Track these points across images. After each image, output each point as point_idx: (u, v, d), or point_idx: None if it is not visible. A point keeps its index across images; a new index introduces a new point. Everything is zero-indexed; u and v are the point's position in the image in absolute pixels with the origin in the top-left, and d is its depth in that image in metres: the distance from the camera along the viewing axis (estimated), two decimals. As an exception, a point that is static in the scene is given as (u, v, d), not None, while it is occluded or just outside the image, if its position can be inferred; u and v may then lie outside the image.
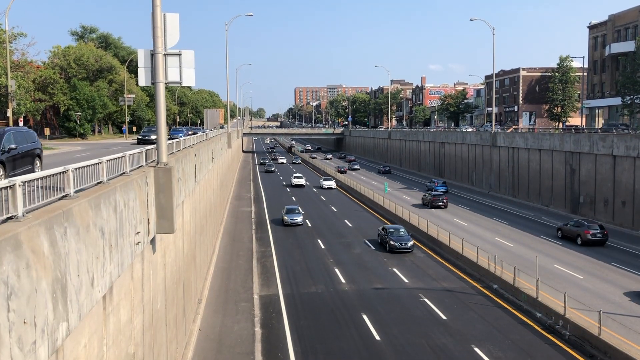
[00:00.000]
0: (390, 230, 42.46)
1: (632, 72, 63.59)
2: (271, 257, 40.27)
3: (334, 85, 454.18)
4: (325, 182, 79.61)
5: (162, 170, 15.62)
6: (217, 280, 33.96)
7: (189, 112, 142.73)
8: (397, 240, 40.79)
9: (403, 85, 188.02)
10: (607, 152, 49.73)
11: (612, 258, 37.79)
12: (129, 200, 12.89)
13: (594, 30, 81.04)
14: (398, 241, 40.64)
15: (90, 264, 9.80)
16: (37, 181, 8.77)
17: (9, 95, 39.52)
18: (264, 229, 50.74)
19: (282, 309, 28.96)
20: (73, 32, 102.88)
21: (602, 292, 30.74)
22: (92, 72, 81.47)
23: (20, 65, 53.11)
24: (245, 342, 24.24)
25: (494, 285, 31.81)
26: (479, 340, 24.51)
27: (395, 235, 41.54)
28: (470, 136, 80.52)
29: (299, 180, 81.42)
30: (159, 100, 16.07)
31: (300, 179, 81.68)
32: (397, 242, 40.57)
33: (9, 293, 6.64)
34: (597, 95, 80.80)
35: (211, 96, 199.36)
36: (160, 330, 16.91)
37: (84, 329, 9.60)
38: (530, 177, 63.46)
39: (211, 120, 73.85)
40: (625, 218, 47.67)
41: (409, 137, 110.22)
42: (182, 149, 25.57)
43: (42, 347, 7.61)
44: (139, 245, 13.72)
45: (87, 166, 11.19)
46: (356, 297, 30.82)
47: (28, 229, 7.40)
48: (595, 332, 22.94)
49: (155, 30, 15.64)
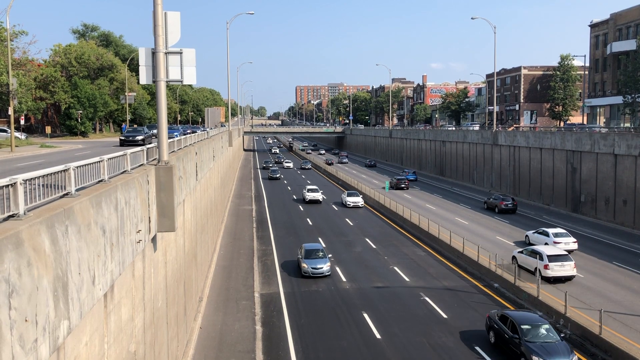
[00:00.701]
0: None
1: (634, 71, 63.52)
2: (272, 255, 40.30)
3: (335, 84, 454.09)
4: (350, 199, 62.05)
5: (163, 169, 15.64)
6: (218, 278, 34.00)
7: (190, 111, 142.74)
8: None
9: (404, 83, 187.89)
10: (609, 151, 49.69)
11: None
12: (130, 199, 12.91)
13: (596, 29, 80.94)
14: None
15: (91, 262, 9.82)
16: (39, 179, 8.79)
17: (10, 93, 39.52)
18: (264, 227, 50.76)
19: (282, 307, 28.99)
20: (74, 31, 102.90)
21: (602, 290, 30.73)
22: (93, 70, 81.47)
23: (21, 63, 53.10)
24: (246, 340, 24.27)
25: (494, 284, 31.82)
26: (480, 339, 24.50)
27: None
28: (471, 135, 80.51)
29: (314, 194, 64.90)
30: (160, 98, 16.09)
31: (315, 193, 65.17)
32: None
33: (10, 291, 6.66)
34: (598, 94, 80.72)
35: (212, 94, 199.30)
36: (162, 328, 16.93)
37: (85, 327, 9.61)
38: (532, 176, 63.43)
39: (212, 119, 73.78)
40: (626, 217, 47.64)
41: (410, 135, 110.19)
42: (183, 148, 25.59)
43: (44, 345, 7.63)
44: (140, 243, 13.73)
45: (88, 164, 11.21)
46: (357, 296, 30.84)
47: (29, 227, 7.41)
48: (596, 331, 22.94)
49: (156, 28, 15.65)
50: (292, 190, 76.62)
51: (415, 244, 43.55)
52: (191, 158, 25.80)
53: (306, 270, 34.10)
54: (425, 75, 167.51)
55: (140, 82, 16.74)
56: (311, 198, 64.48)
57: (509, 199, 57.24)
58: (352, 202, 61.48)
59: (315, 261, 34.41)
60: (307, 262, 34.32)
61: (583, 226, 48.81)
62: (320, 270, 33.98)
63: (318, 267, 34.00)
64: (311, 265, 34.09)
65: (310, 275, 33.99)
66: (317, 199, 64.52)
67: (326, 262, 34.50)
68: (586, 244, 42.15)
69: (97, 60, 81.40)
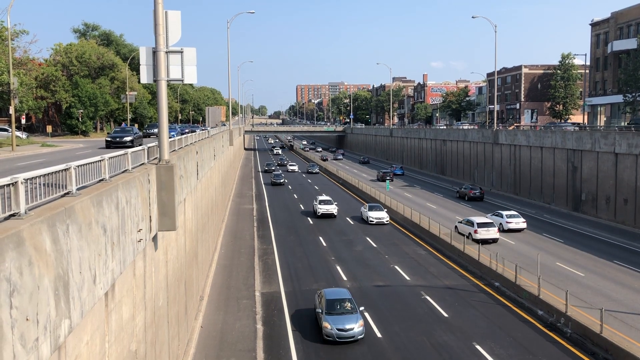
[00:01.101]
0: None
1: (634, 70, 63.47)
2: (273, 254, 40.32)
3: (336, 83, 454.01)
4: (373, 214, 50.73)
5: (164, 168, 15.65)
6: (219, 277, 34.02)
7: (190, 110, 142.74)
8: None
9: (405, 82, 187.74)
10: (609, 150, 49.65)
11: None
12: (131, 198, 12.92)
13: (596, 28, 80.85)
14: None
15: (92, 261, 9.83)
16: (40, 178, 8.80)
17: (11, 92, 39.54)
18: (265, 226, 50.78)
19: (283, 306, 29.01)
20: (75, 30, 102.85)
21: (603, 289, 30.72)
22: (94, 69, 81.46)
23: (22, 62, 53.11)
24: (247, 339, 24.29)
25: (495, 282, 31.82)
26: (481, 338, 24.53)
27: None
28: (472, 134, 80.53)
29: (327, 207, 54.28)
30: (160, 97, 16.10)
31: (329, 206, 54.47)
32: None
33: (11, 290, 6.67)
34: (599, 92, 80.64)
35: (213, 94, 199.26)
36: (162, 327, 16.95)
37: (86, 326, 9.63)
38: (532, 175, 63.40)
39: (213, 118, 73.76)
40: (627, 216, 47.61)
41: (410, 134, 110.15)
42: (184, 147, 25.60)
43: (45, 344, 7.64)
44: (141, 242, 13.75)
45: (89, 164, 11.23)
46: (357, 295, 30.83)
47: (30, 226, 7.42)
48: (597, 330, 22.94)
49: (157, 27, 15.66)
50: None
51: (416, 242, 43.54)
52: (192, 157, 25.81)
53: (329, 332, 23.90)
54: (425, 74, 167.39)
55: (141, 81, 16.75)
56: (324, 211, 53.92)
57: (477, 188, 64.97)
58: (376, 218, 50.35)
59: (343, 320, 24.14)
60: (330, 321, 24.22)
61: (584, 225, 48.78)
62: (350, 332, 23.81)
63: (347, 329, 23.85)
64: (336, 325, 23.89)
65: (335, 341, 23.77)
66: (330, 213, 54.07)
67: (358, 318, 24.36)
68: (587, 242, 42.17)
69: (98, 60, 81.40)
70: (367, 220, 50.91)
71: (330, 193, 69.31)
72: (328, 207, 54.28)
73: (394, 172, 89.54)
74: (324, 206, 54.43)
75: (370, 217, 50.70)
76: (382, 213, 51.14)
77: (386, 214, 51.12)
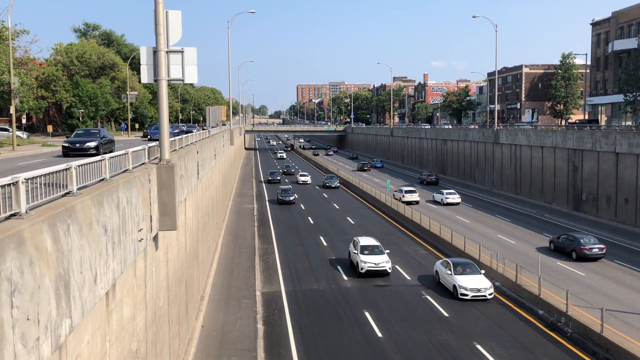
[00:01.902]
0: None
1: (635, 69, 63.37)
2: (273, 254, 40.32)
3: (336, 83, 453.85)
4: (466, 281, 30.16)
5: (164, 168, 15.66)
6: (220, 277, 34.03)
7: (191, 110, 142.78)
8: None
9: (405, 82, 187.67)
10: (610, 149, 49.62)
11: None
12: (132, 198, 12.93)
13: (597, 27, 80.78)
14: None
15: (93, 260, 9.84)
16: (40, 178, 8.80)
17: (12, 92, 39.57)
18: (266, 226, 50.77)
19: (284, 306, 29.01)
20: (76, 29, 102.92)
21: (604, 289, 30.72)
22: (94, 69, 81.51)
23: (22, 62, 53.14)
24: (248, 338, 24.30)
25: (496, 282, 31.79)
26: (481, 338, 24.53)
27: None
28: (473, 133, 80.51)
29: (375, 260, 33.95)
30: (161, 97, 16.10)
31: (377, 257, 34.14)
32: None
33: (12, 290, 6.67)
34: (599, 92, 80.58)
35: (213, 93, 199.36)
36: (163, 327, 16.96)
37: (87, 325, 9.63)
38: (533, 174, 63.36)
39: (213, 118, 73.89)
40: (628, 215, 47.59)
41: (411, 134, 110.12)
42: (185, 146, 25.61)
43: (46, 344, 7.65)
44: (142, 242, 13.75)
45: (90, 163, 11.23)
46: (358, 294, 30.85)
47: (31, 226, 7.42)
48: (598, 330, 22.93)
49: (158, 27, 15.66)
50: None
51: (417, 242, 43.54)
52: (192, 157, 25.82)
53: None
54: (426, 74, 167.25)
55: (141, 81, 16.75)
56: (371, 267, 33.53)
57: (433, 174, 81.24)
58: (472, 288, 29.54)
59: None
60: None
61: (584, 224, 48.76)
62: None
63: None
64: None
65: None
66: (382, 270, 33.61)
67: None
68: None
69: (99, 59, 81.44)
70: (456, 292, 29.93)
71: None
72: (376, 260, 33.74)
73: (373, 165, 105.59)
74: (369, 258, 33.81)
75: (460, 285, 29.78)
76: (480, 279, 30.37)
77: (490, 286, 30.06)
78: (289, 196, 62.16)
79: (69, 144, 24.75)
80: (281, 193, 62.83)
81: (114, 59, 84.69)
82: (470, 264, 32.07)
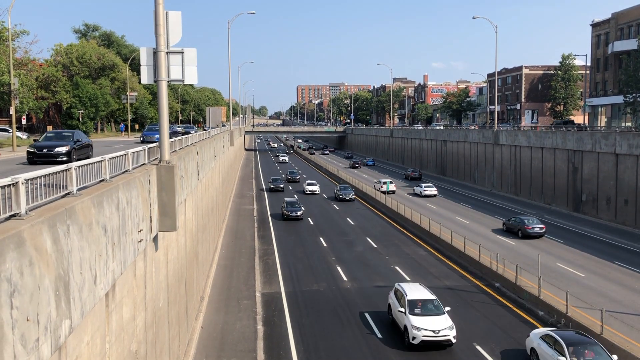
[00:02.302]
0: None
1: (635, 70, 63.39)
2: (273, 254, 40.30)
3: (336, 83, 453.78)
4: None
5: (164, 168, 15.66)
6: (220, 277, 34.01)
7: (191, 110, 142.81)
8: None
9: (405, 83, 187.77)
10: (610, 151, 49.63)
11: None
12: (132, 198, 12.92)
13: (597, 28, 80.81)
14: None
15: (92, 261, 9.83)
16: (40, 179, 8.80)
17: (12, 93, 39.57)
18: (266, 226, 50.77)
19: (284, 307, 29.00)
20: (76, 30, 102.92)
21: (603, 290, 30.71)
22: (94, 70, 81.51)
23: (23, 63, 53.10)
24: (248, 339, 24.29)
25: (496, 283, 31.81)
26: (481, 338, 24.52)
27: None
28: (473, 134, 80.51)
29: (436, 324, 23.34)
30: (161, 98, 16.11)
31: (438, 322, 23.49)
32: None
33: (12, 290, 6.67)
34: (599, 93, 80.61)
35: (213, 94, 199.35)
36: (163, 327, 16.95)
37: (87, 326, 9.63)
38: (533, 175, 63.36)
39: (213, 118, 73.84)
40: (627, 216, 47.59)
41: (411, 135, 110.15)
42: (185, 147, 25.61)
43: (45, 345, 7.64)
44: (142, 242, 13.75)
45: (90, 164, 11.24)
46: (358, 295, 30.84)
47: (31, 227, 7.42)
48: (598, 331, 22.91)
49: (158, 28, 15.67)
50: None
51: (417, 243, 43.53)
52: (192, 157, 25.82)
53: None
54: (426, 75, 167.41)
55: (141, 82, 16.76)
56: (428, 337, 23.17)
57: (417, 170, 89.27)
58: None
59: None
60: None
61: (584, 225, 48.76)
62: None
63: None
64: None
65: None
66: (444, 340, 23.29)
67: None
68: (587, 243, 42.14)
69: (99, 60, 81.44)
70: None
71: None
72: (436, 325, 23.47)
73: (365, 163, 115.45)
74: (422, 321, 23.66)
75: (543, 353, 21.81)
76: None
77: None
78: (296, 211, 53.36)
79: (34, 149, 20.63)
80: (287, 207, 54.09)
81: (114, 59, 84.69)
82: (591, 343, 20.66)
